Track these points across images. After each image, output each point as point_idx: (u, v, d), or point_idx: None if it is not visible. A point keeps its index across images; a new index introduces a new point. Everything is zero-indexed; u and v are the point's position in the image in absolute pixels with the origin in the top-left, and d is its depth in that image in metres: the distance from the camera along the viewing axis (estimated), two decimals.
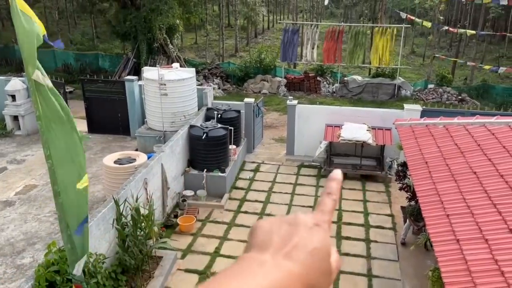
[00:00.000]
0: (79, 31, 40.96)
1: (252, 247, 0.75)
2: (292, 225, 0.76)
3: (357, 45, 25.70)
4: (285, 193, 13.37)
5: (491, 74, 32.12)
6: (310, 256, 0.72)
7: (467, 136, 9.59)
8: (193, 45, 41.25)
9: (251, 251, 0.74)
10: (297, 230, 0.75)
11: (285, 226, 0.76)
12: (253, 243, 0.75)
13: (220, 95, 25.02)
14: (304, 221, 0.77)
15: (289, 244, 0.72)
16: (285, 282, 0.67)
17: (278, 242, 0.73)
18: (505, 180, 7.59)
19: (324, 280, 0.72)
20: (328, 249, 0.75)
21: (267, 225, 0.78)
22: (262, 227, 0.78)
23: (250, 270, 0.69)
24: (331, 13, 59.07)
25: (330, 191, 0.84)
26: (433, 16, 35.02)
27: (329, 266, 0.75)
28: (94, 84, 17.40)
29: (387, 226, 11.73)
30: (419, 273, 9.51)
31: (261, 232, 0.77)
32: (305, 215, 0.79)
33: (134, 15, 24.63)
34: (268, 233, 0.76)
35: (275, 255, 0.71)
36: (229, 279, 0.67)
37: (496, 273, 5.71)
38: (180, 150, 12.69)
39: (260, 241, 0.75)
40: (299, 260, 0.70)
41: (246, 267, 0.70)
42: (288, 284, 0.67)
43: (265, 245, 0.73)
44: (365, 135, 13.73)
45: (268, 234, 0.75)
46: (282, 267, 0.69)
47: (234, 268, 0.69)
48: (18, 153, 15.61)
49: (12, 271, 9.43)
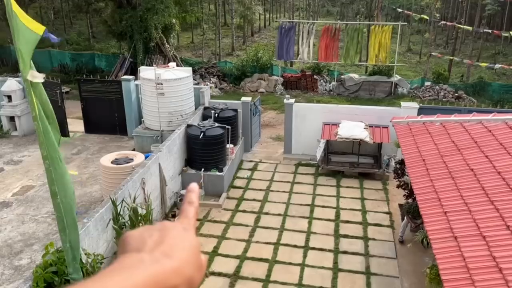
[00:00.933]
0: (75, 31, 40.82)
1: (127, 253, 0.76)
2: (162, 231, 0.80)
3: (354, 43, 25.70)
4: (283, 192, 13.37)
5: (488, 71, 32.20)
6: (185, 252, 0.77)
7: (464, 133, 9.61)
8: (189, 44, 41.19)
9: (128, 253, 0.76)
10: (168, 233, 0.80)
11: (155, 232, 0.80)
12: (127, 249, 0.77)
13: (217, 94, 24.99)
14: (172, 225, 0.83)
15: (163, 244, 0.76)
16: (165, 275, 0.71)
17: (152, 244, 0.77)
18: (502, 177, 7.61)
19: (198, 273, 0.78)
20: (198, 245, 0.82)
21: (137, 233, 0.81)
22: (133, 235, 0.80)
23: (130, 266, 0.71)
24: (328, 11, 59.08)
25: (190, 201, 0.91)
26: (429, 13, 35.06)
27: (201, 261, 0.81)
28: (90, 84, 17.36)
29: (385, 224, 11.75)
30: (417, 271, 9.54)
31: (132, 239, 0.79)
32: (172, 222, 0.85)
33: (130, 15, 24.56)
34: (140, 239, 0.79)
35: (152, 253, 0.74)
36: (110, 275, 0.68)
37: (494, 270, 5.73)
38: (177, 150, 12.68)
39: (134, 246, 0.77)
40: (175, 255, 0.75)
41: (126, 264, 0.71)
42: (168, 277, 0.71)
43: (139, 249, 0.76)
44: (362, 133, 13.74)
45: (140, 240, 0.78)
46: (161, 262, 0.72)
47: (113, 266, 0.71)
48: (15, 154, 15.56)
49: (10, 272, 9.41)
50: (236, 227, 11.52)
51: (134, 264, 0.71)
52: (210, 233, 11.23)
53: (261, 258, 10.26)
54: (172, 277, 0.71)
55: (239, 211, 12.30)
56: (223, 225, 11.60)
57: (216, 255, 10.31)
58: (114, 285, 0.66)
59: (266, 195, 13.17)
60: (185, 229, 0.83)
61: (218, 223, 11.69)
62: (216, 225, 11.59)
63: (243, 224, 11.66)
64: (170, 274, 0.71)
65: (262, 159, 15.69)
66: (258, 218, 11.95)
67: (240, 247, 10.67)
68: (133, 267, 0.70)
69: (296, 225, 11.65)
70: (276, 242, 10.90)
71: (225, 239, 11.00)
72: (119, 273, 0.69)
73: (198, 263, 0.79)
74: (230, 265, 9.97)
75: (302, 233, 11.26)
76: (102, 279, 0.67)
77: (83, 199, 12.40)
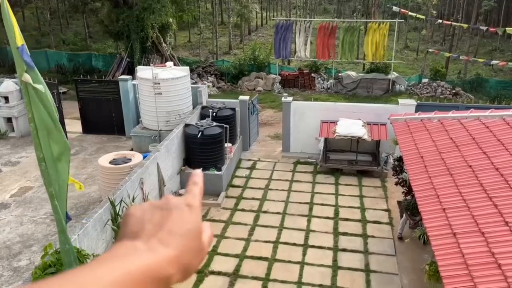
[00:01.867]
0: (72, 31, 40.70)
1: (125, 236, 0.75)
2: (165, 210, 0.79)
3: (351, 41, 25.69)
4: (282, 190, 13.37)
5: (485, 68, 32.22)
6: (183, 239, 0.75)
7: (462, 130, 9.62)
8: (186, 43, 41.10)
9: (124, 240, 0.74)
10: (169, 215, 0.78)
11: (157, 212, 0.78)
12: (126, 231, 0.76)
13: (214, 93, 24.96)
14: (175, 204, 0.80)
15: (162, 230, 0.75)
16: (159, 264, 0.69)
17: (151, 229, 0.75)
18: (500, 173, 7.62)
19: (196, 259, 0.77)
20: (199, 227, 0.80)
21: (139, 212, 0.79)
22: (134, 215, 0.79)
23: (123, 255, 0.69)
24: (325, 9, 59.03)
25: (194, 182, 0.89)
26: (426, 10, 35.08)
27: (201, 244, 0.79)
28: (87, 84, 17.31)
29: (383, 221, 11.76)
30: (416, 267, 9.55)
31: (133, 220, 0.78)
32: (177, 199, 0.82)
33: (127, 14, 24.50)
34: (140, 221, 0.77)
35: (148, 241, 0.72)
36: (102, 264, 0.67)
37: (493, 266, 5.74)
38: (175, 149, 12.66)
39: (133, 229, 0.76)
40: (172, 244, 0.73)
41: (119, 252, 0.70)
42: (162, 266, 0.69)
43: (137, 233, 0.74)
44: (361, 131, 13.75)
45: (140, 222, 0.77)
46: (156, 251, 0.71)
47: (105, 255, 0.70)
48: (12, 155, 15.52)
49: (9, 274, 9.39)
50: (235, 226, 11.52)
51: (128, 252, 0.70)
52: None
53: (260, 256, 10.26)
54: (166, 267, 0.70)
55: (238, 210, 12.30)
56: (222, 224, 11.60)
57: (215, 254, 10.31)
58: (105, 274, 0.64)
59: (265, 194, 13.17)
60: (189, 206, 0.81)
61: (217, 222, 11.68)
62: (215, 224, 11.58)
63: (242, 223, 11.66)
64: (164, 264, 0.70)
65: (261, 157, 15.68)
66: (257, 217, 11.95)
67: (239, 246, 10.67)
68: (127, 256, 0.69)
69: (295, 223, 11.65)
70: (276, 240, 10.91)
71: (224, 238, 11.00)
72: (112, 262, 0.67)
73: (197, 247, 0.78)
74: (230, 264, 9.97)
75: (301, 231, 11.26)
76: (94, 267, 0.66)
77: (81, 200, 12.38)
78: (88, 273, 0.64)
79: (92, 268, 0.66)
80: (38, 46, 32.24)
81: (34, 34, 38.21)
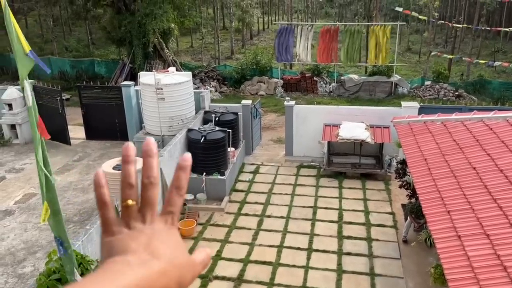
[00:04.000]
0: (75, 38, 40.91)
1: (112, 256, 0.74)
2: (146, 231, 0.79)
3: (353, 44, 25.69)
4: (285, 194, 13.35)
5: (487, 69, 32.15)
6: (173, 252, 0.76)
7: (465, 132, 9.59)
8: (188, 48, 41.24)
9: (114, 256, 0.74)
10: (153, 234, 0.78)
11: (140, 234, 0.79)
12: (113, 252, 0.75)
13: (217, 98, 24.99)
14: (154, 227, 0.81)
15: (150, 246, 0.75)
16: (153, 277, 0.70)
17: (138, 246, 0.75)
18: (504, 174, 7.59)
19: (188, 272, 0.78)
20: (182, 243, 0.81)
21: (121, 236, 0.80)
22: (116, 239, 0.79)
23: (117, 270, 0.69)
24: (326, 12, 59.18)
25: (178, 185, 0.86)
26: (427, 13, 35.05)
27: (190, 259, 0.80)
28: (90, 91, 17.39)
29: (388, 224, 11.72)
30: (421, 270, 9.50)
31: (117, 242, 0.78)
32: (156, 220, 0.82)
33: (129, 20, 24.61)
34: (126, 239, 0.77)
35: (139, 255, 0.73)
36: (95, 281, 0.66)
37: (499, 268, 5.70)
38: (178, 154, 12.66)
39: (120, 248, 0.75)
40: (162, 257, 0.74)
41: (112, 268, 0.70)
42: (156, 278, 0.70)
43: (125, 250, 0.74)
44: (364, 134, 13.72)
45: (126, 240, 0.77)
46: (148, 264, 0.71)
47: (99, 272, 0.69)
48: (16, 162, 15.57)
49: (14, 281, 9.39)
50: (239, 231, 11.50)
51: (121, 267, 0.70)
52: (213, 237, 11.21)
53: (264, 261, 10.23)
54: (160, 279, 0.70)
55: (242, 215, 12.28)
56: (226, 228, 11.58)
57: (219, 259, 10.29)
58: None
59: (268, 198, 13.15)
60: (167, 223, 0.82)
61: (221, 227, 11.67)
62: (219, 229, 11.57)
63: (246, 227, 11.64)
64: (158, 276, 0.70)
65: (264, 161, 15.67)
66: (261, 221, 11.92)
67: (243, 250, 10.65)
68: (120, 271, 0.68)
69: (299, 227, 11.62)
70: (280, 244, 10.88)
71: (228, 242, 10.98)
72: (106, 277, 0.67)
73: (187, 262, 0.78)
74: (234, 269, 9.95)
75: (305, 235, 11.23)
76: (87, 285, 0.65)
77: (85, 206, 12.40)
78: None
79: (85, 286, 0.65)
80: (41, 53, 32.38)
81: (37, 41, 38.43)
